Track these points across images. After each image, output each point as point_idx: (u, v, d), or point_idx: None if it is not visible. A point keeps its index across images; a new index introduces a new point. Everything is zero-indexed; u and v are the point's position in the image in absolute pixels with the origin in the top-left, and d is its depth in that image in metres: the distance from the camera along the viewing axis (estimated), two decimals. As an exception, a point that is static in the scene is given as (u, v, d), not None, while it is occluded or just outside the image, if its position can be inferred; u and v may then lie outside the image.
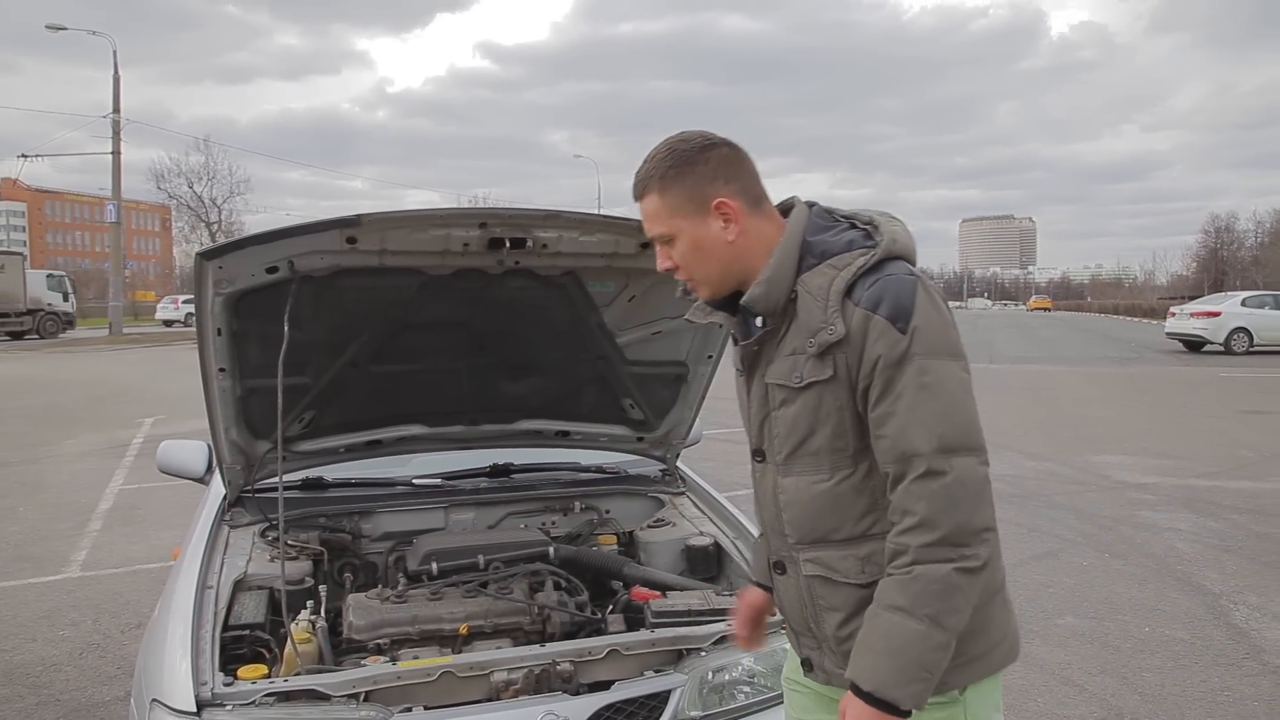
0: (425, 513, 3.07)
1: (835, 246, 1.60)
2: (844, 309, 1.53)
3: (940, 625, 1.46)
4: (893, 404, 1.49)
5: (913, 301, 1.51)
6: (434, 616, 2.42)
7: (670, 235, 1.65)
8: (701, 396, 3.19)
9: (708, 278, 1.67)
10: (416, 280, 2.53)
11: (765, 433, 1.69)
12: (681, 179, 1.62)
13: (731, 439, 10.10)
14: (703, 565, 2.94)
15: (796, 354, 1.59)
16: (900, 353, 1.48)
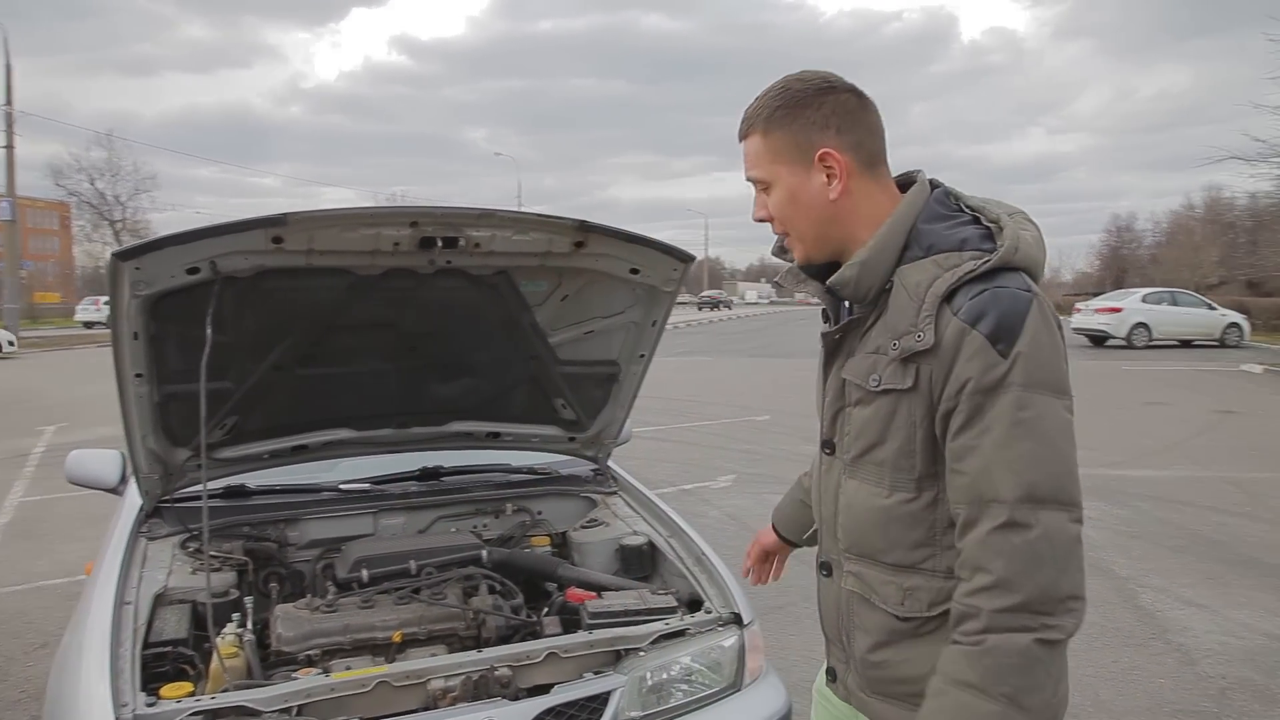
0: (353, 518, 3.00)
1: (946, 242, 1.40)
2: (939, 316, 1.34)
3: (1019, 706, 1.25)
4: (978, 437, 1.30)
5: (1022, 322, 1.30)
6: (366, 625, 2.36)
7: (767, 182, 1.50)
8: (633, 396, 3.18)
9: (803, 235, 1.50)
10: (345, 281, 2.47)
11: (838, 426, 1.55)
12: (788, 122, 1.46)
13: (657, 436, 10.17)
14: (637, 565, 2.94)
15: (879, 353, 1.42)
16: (996, 379, 1.29)
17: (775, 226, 1.53)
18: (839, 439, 1.55)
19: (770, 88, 1.49)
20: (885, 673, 1.52)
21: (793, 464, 8.87)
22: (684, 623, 2.44)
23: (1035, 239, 1.43)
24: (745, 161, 1.52)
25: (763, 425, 11.49)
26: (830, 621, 1.65)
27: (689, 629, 2.43)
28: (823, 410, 1.60)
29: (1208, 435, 10.86)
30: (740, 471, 8.62)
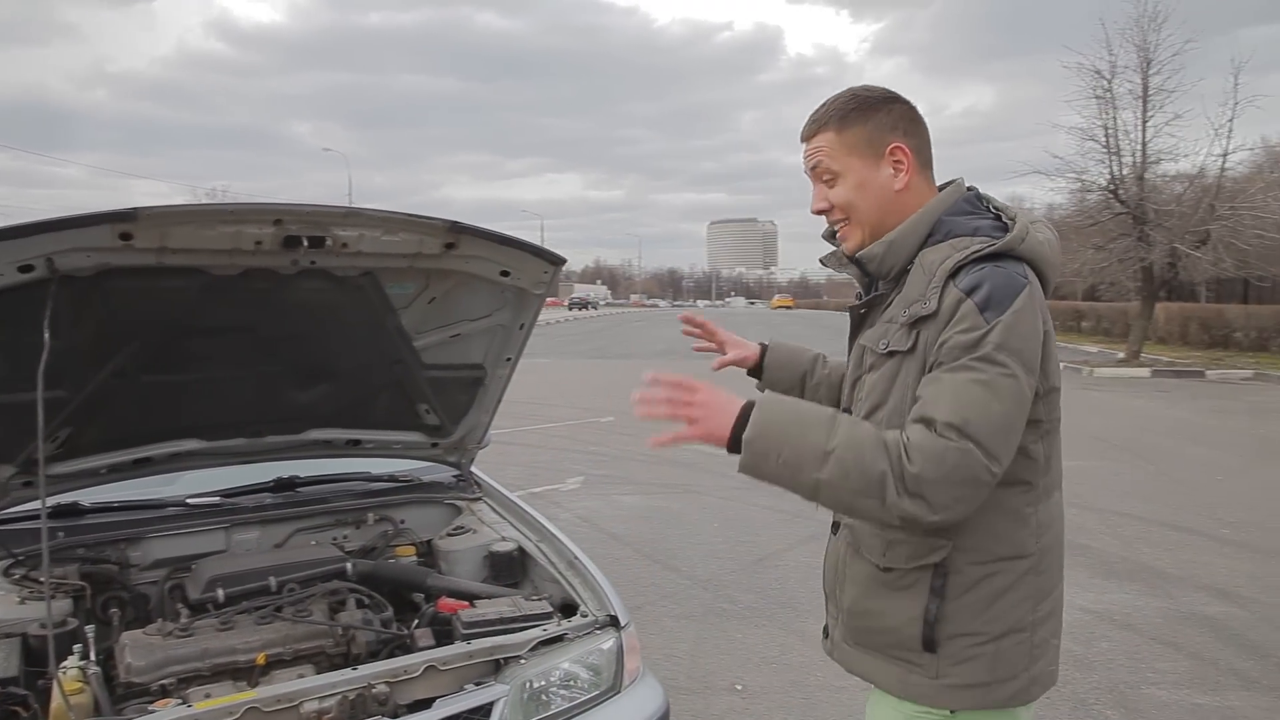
0: (203, 534, 2.81)
1: (962, 229, 1.60)
2: (944, 288, 1.52)
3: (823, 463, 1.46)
4: (944, 374, 1.47)
5: (1012, 300, 1.47)
6: (226, 648, 2.22)
7: (837, 173, 1.65)
8: (498, 400, 3.13)
9: (865, 220, 1.66)
10: (198, 281, 2.31)
11: (855, 393, 1.71)
12: (863, 120, 1.64)
13: (501, 440, 10.03)
14: (507, 571, 2.89)
15: (891, 322, 1.61)
16: (975, 338, 1.46)
17: (834, 214, 1.68)
18: (853, 405, 1.70)
19: (837, 96, 1.67)
20: (867, 623, 1.68)
21: (640, 465, 8.98)
22: (562, 628, 2.41)
23: (1049, 241, 1.62)
24: (812, 155, 1.67)
25: (607, 426, 11.55)
26: (829, 577, 1.81)
27: (567, 634, 2.41)
28: (846, 380, 1.78)
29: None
30: (588, 473, 8.63)
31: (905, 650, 1.63)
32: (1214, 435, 11.13)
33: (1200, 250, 19.37)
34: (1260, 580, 5.56)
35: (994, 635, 1.58)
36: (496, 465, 8.30)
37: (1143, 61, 20.27)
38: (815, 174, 1.68)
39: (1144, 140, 20.41)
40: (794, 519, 6.84)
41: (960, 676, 1.58)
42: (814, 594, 5.26)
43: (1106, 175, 20.68)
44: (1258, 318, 22.65)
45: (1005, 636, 1.58)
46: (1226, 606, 5.09)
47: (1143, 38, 20.19)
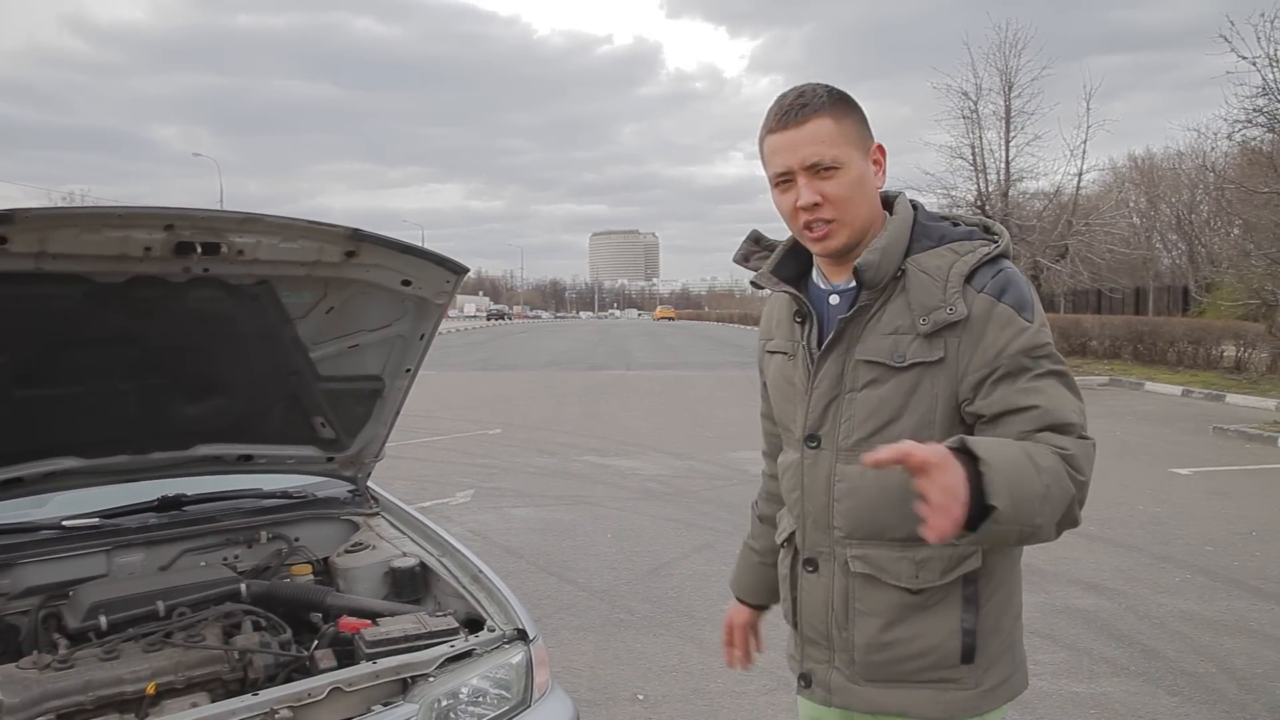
0: (81, 558, 2.64)
1: (957, 235, 1.59)
2: (964, 293, 1.51)
3: (1045, 503, 1.37)
4: (1035, 381, 1.47)
5: (1031, 296, 1.53)
6: (112, 679, 2.09)
7: (838, 163, 1.53)
8: (396, 412, 3.06)
9: (854, 219, 1.57)
10: (80, 289, 2.17)
11: (831, 415, 1.61)
12: (852, 112, 1.57)
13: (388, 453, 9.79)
14: (409, 587, 2.82)
15: (901, 333, 1.54)
16: (1030, 341, 1.48)
17: (823, 209, 1.55)
18: (831, 429, 1.61)
19: (811, 87, 1.56)
20: (894, 653, 1.59)
21: (530, 476, 8.91)
22: (470, 643, 2.36)
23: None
24: (808, 144, 1.52)
25: (495, 439, 11.42)
26: (818, 618, 1.67)
27: (475, 649, 2.36)
28: (807, 406, 1.64)
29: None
30: (479, 486, 8.51)
31: (942, 669, 1.58)
32: (1076, 438, 11.74)
33: (1060, 263, 20.51)
34: (1124, 573, 5.89)
35: (1009, 627, 1.64)
36: (384, 480, 8.05)
37: (1005, 85, 21.41)
38: (810, 166, 1.53)
39: (1007, 159, 21.53)
40: (687, 528, 6.89)
41: (995, 677, 1.60)
42: (710, 601, 5.33)
43: (974, 191, 21.70)
44: (1110, 327, 24.05)
45: (1015, 625, 1.65)
46: (1096, 599, 5.37)
47: (1004, 62, 21.34)
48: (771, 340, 1.78)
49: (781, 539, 1.79)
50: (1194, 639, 4.75)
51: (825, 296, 1.67)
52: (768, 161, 1.59)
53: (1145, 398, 16.84)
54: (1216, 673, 4.32)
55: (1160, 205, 39.11)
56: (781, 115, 1.55)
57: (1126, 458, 10.24)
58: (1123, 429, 12.48)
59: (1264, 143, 15.03)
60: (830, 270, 1.68)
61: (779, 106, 1.56)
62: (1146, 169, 40.41)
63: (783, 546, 1.79)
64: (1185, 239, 37.12)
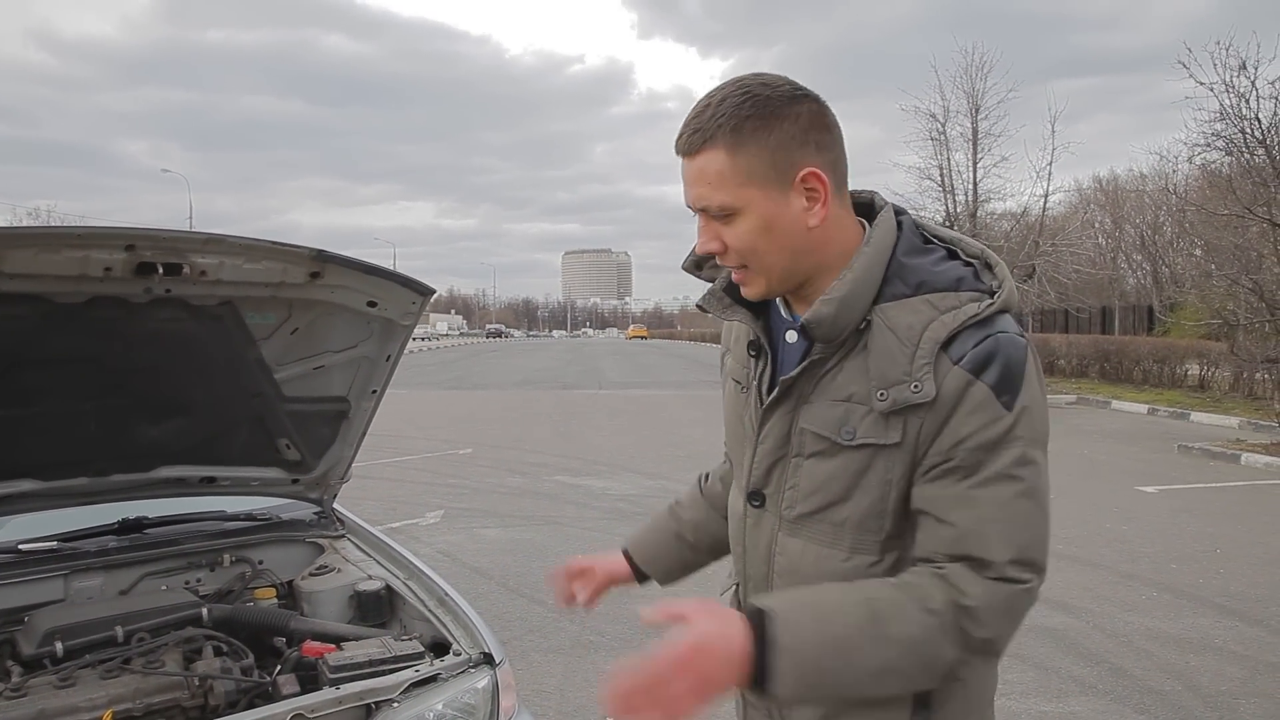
0: (37, 583, 2.58)
1: (940, 280, 1.25)
2: (937, 365, 1.19)
3: (881, 679, 1.16)
4: (975, 489, 1.18)
5: (1024, 372, 1.20)
6: (67, 707, 2.04)
7: (734, 209, 1.23)
8: (363, 434, 3.03)
9: (770, 268, 1.27)
10: (39, 309, 2.14)
11: (775, 477, 1.36)
12: (764, 133, 1.21)
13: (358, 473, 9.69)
14: (374, 611, 2.78)
15: (855, 402, 1.25)
16: (1000, 434, 1.18)
17: (730, 259, 1.28)
18: (775, 492, 1.36)
19: (724, 93, 1.23)
20: None
21: (500, 497, 8.86)
22: (435, 668, 2.34)
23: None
24: (696, 183, 1.25)
25: (466, 459, 11.36)
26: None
27: (441, 674, 2.33)
28: (752, 457, 1.39)
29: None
30: (448, 506, 8.45)
31: None
32: (1044, 456, 11.86)
33: (1027, 283, 20.74)
34: (1091, 591, 5.94)
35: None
36: (353, 500, 7.99)
37: (972, 107, 21.70)
38: (699, 209, 1.28)
39: (975, 180, 21.81)
40: (658, 547, 6.87)
41: None
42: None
43: (943, 212, 21.94)
44: (1078, 346, 24.39)
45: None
46: (1064, 617, 5.41)
47: (971, 85, 21.63)
48: (729, 355, 1.52)
49: (727, 589, 1.57)
50: (1160, 657, 4.80)
51: (782, 331, 1.37)
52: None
53: (1112, 416, 17.07)
54: (1183, 690, 4.36)
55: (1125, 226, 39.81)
56: (679, 137, 1.26)
57: (1093, 476, 10.35)
58: (1090, 447, 12.62)
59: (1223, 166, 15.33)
60: (793, 298, 1.37)
61: (683, 123, 1.26)
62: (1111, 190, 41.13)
63: (728, 597, 1.57)
64: (1150, 259, 37.76)
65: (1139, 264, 39.94)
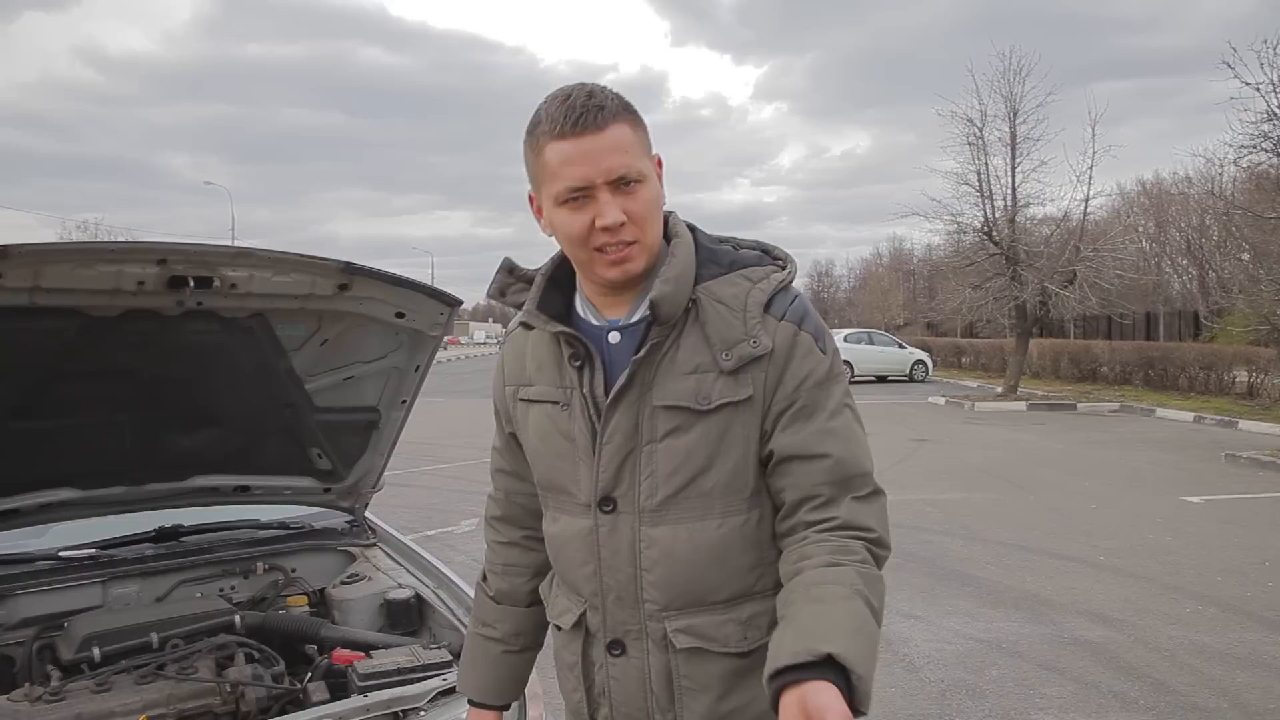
0: (77, 589, 2.64)
1: (746, 258, 1.43)
2: (764, 323, 1.36)
3: (879, 627, 1.27)
4: (828, 421, 1.36)
5: (823, 323, 1.42)
6: (103, 712, 2.09)
7: (644, 176, 1.33)
8: (393, 443, 3.06)
9: (653, 241, 1.38)
10: (75, 323, 2.20)
11: (628, 473, 1.39)
12: (641, 119, 1.37)
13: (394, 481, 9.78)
14: (404, 619, 2.81)
15: (702, 371, 1.35)
16: (826, 371, 1.37)
17: (628, 231, 1.33)
18: (629, 489, 1.39)
19: (589, 87, 1.33)
20: None
21: (537, 505, 8.86)
22: (462, 676, 2.35)
23: None
24: (613, 154, 1.30)
25: (503, 467, 11.40)
26: (635, 705, 1.45)
27: (468, 682, 2.35)
28: (596, 465, 1.41)
29: (907, 462, 12.02)
30: (482, 515, 8.47)
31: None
32: (1087, 465, 11.67)
33: (1068, 289, 20.44)
34: (1134, 604, 5.83)
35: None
36: (389, 508, 8.09)
37: (1010, 111, 21.43)
38: (616, 179, 1.31)
39: (1014, 185, 21.52)
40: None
41: None
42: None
43: (980, 218, 21.68)
44: (1121, 352, 23.98)
45: None
46: (1105, 630, 5.31)
47: (1009, 89, 21.37)
48: (530, 387, 1.50)
49: (566, 623, 1.52)
50: (1205, 672, 4.69)
51: (603, 335, 1.42)
52: (554, 173, 1.32)
53: (1156, 424, 16.75)
54: (1229, 708, 4.26)
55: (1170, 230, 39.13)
56: (576, 117, 1.29)
57: (1136, 485, 10.16)
58: (1133, 456, 12.40)
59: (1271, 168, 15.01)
60: (605, 303, 1.44)
61: (566, 108, 1.30)
62: (1155, 194, 40.46)
63: (564, 631, 1.54)
64: (1196, 264, 37.07)
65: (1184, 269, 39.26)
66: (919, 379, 28.15)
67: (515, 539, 1.70)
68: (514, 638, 1.71)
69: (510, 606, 1.71)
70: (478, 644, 1.73)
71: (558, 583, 1.57)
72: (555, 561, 1.55)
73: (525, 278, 1.51)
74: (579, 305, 1.47)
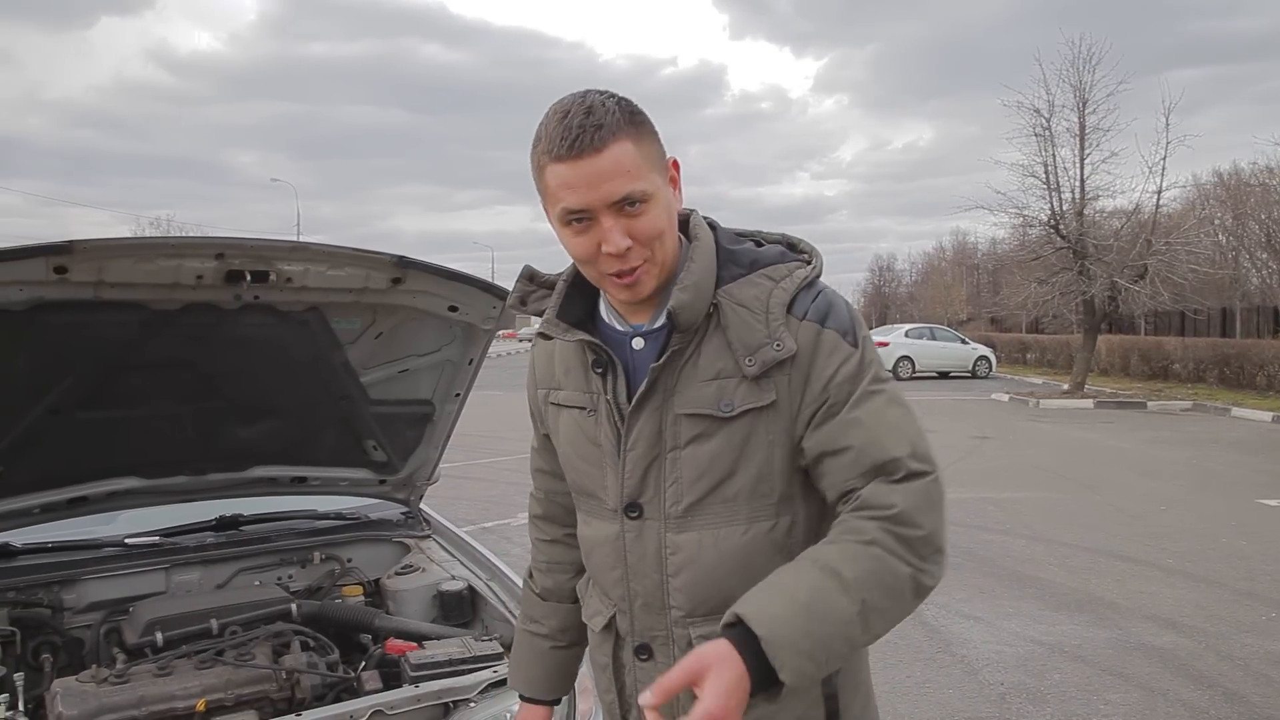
0: (142, 575, 2.72)
1: (768, 256, 1.39)
2: (788, 324, 1.32)
3: (866, 621, 1.20)
4: (852, 410, 1.30)
5: (854, 314, 1.37)
6: (164, 695, 2.14)
7: (649, 195, 1.27)
8: (447, 436, 3.09)
9: (666, 257, 1.33)
10: (137, 316, 2.26)
11: (652, 480, 1.38)
12: (648, 125, 1.31)
13: (453, 474, 9.93)
14: (457, 611, 2.84)
15: (724, 377, 1.33)
16: (857, 365, 1.32)
17: (634, 256, 1.29)
18: (653, 495, 1.39)
19: (590, 100, 1.27)
20: None
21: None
22: (512, 668, 2.37)
23: None
24: (612, 177, 1.24)
25: (561, 460, 11.47)
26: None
27: (517, 675, 2.36)
28: (621, 471, 1.40)
29: (968, 459, 11.81)
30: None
31: None
32: (1157, 465, 11.35)
33: (1138, 284, 19.89)
34: (1205, 609, 5.65)
35: (866, 678, 1.50)
36: (448, 500, 8.21)
37: (1079, 101, 20.92)
38: (616, 202, 1.26)
39: (1082, 177, 21.00)
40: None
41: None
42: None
43: (1047, 211, 21.20)
44: (1194, 349, 23.27)
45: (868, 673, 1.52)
46: (1174, 636, 5.16)
47: (1078, 78, 20.85)
48: (559, 391, 1.50)
49: (597, 625, 1.53)
50: None
51: (625, 341, 1.41)
52: (553, 195, 1.29)
53: (1232, 424, 16.21)
54: (1302, 716, 4.11)
55: (1248, 222, 37.76)
56: (573, 140, 1.24)
57: (1210, 487, 9.85)
58: (1207, 457, 12.03)
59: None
60: (628, 309, 1.42)
61: (563, 128, 1.25)
62: (1233, 185, 39.09)
63: (596, 633, 1.55)
64: (1276, 257, 35.77)
65: (1264, 262, 37.87)
66: (982, 375, 27.63)
67: (558, 536, 1.71)
68: (561, 633, 1.72)
69: (556, 603, 1.72)
70: (526, 640, 1.75)
71: (590, 584, 1.58)
72: (587, 563, 1.56)
73: (547, 284, 1.51)
74: (603, 309, 1.46)
